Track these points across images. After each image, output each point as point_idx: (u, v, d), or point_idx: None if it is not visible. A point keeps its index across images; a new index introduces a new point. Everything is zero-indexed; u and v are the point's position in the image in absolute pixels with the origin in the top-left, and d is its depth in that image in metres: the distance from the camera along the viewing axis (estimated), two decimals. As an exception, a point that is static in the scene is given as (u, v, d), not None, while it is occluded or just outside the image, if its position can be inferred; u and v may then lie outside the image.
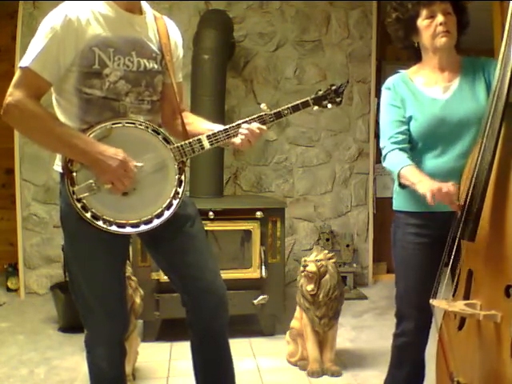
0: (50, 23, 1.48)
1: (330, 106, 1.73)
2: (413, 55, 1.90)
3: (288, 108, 1.68)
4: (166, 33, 1.70)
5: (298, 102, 1.68)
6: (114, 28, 1.56)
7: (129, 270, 2.49)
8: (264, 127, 1.65)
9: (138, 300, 2.48)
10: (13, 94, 1.46)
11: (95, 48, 1.51)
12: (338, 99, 1.73)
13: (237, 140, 1.64)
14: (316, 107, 1.72)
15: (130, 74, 1.59)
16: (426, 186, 1.61)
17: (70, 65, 1.51)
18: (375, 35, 4.34)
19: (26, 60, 1.47)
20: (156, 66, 1.66)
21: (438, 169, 1.75)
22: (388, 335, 1.97)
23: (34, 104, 1.47)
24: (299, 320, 2.75)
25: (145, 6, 1.68)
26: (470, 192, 1.54)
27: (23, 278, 4.04)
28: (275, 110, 1.68)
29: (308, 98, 1.70)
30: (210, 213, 3.05)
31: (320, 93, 1.72)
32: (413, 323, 1.84)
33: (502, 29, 1.55)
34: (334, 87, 1.73)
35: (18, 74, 1.49)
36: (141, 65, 1.61)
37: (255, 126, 1.63)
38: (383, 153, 1.84)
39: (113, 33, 1.55)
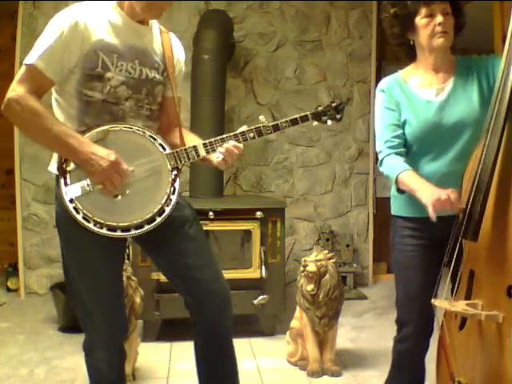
0: (58, 24, 1.51)
1: (329, 122, 1.73)
2: (407, 53, 1.87)
3: (286, 121, 1.68)
4: (170, 47, 1.72)
5: (296, 116, 1.69)
6: (120, 35, 1.59)
7: (129, 270, 2.50)
8: (240, 145, 1.64)
9: (138, 300, 2.48)
10: (15, 90, 1.48)
11: (100, 52, 1.53)
12: (338, 116, 1.73)
13: (214, 158, 1.65)
14: (315, 122, 1.72)
15: (132, 80, 1.61)
16: (426, 195, 1.59)
17: (74, 66, 1.53)
18: (375, 35, 4.35)
19: (31, 57, 1.49)
20: (157, 76, 1.68)
21: (433, 173, 1.72)
22: (388, 335, 1.97)
23: (34, 101, 1.48)
24: (299, 320, 2.75)
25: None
26: (473, 192, 1.53)
27: (23, 278, 4.04)
28: (273, 123, 1.68)
29: (307, 113, 1.70)
30: (210, 213, 3.05)
31: (320, 108, 1.72)
32: (413, 327, 1.81)
33: (502, 29, 1.54)
34: (334, 104, 1.73)
35: (22, 70, 1.51)
36: (143, 73, 1.63)
37: (232, 144, 1.62)
38: (380, 157, 1.82)
39: (118, 39, 1.58)
